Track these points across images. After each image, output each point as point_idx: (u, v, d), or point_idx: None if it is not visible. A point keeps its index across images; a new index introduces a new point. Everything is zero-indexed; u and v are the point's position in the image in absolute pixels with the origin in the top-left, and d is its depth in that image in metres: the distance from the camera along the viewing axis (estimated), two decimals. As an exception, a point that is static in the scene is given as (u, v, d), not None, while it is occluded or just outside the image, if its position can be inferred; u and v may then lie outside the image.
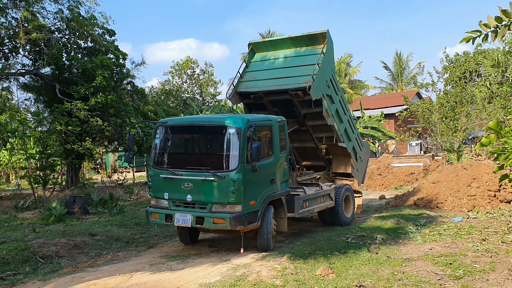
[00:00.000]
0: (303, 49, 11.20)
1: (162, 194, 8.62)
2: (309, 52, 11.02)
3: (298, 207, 9.62)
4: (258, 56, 11.89)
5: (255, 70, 11.62)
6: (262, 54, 11.83)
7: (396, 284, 6.40)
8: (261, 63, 11.70)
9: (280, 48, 11.57)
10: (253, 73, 11.57)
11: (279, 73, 11.08)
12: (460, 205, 12.88)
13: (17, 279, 7.51)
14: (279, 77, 10.96)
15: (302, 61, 10.94)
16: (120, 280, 6.84)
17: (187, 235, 9.50)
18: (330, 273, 7.00)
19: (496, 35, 2.67)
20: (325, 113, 10.76)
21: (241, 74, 11.59)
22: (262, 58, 11.77)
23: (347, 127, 12.03)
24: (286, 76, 10.89)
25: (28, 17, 18.60)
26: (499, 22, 2.65)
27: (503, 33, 2.71)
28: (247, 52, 11.99)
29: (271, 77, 11.10)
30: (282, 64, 11.28)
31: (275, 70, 11.25)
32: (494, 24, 2.60)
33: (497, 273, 6.81)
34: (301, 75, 10.57)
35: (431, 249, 8.47)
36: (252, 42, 12.03)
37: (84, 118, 18.30)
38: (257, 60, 11.82)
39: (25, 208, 16.18)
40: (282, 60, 11.33)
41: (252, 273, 6.93)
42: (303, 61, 10.91)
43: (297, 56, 11.15)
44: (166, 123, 9.14)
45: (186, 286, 6.49)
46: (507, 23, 2.67)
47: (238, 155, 8.08)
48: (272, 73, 11.18)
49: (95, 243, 10.15)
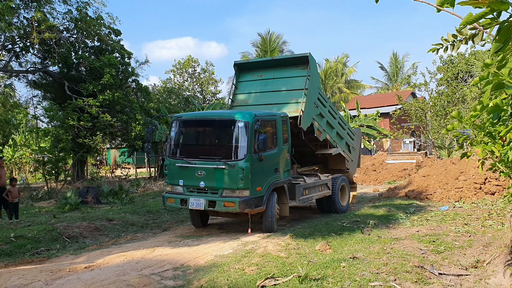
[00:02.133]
0: (288, 70, 11.60)
1: (178, 181, 9.59)
2: (295, 73, 11.43)
3: (298, 194, 10.63)
4: (245, 76, 12.26)
5: (245, 93, 12.04)
6: (248, 74, 12.21)
7: (385, 256, 7.40)
8: (249, 84, 12.07)
9: (265, 69, 12.00)
10: (243, 95, 11.98)
11: (269, 97, 11.40)
12: (448, 196, 13.90)
13: (51, 254, 8.49)
14: (270, 103, 11.27)
15: (289, 84, 11.38)
16: (145, 253, 7.83)
17: (199, 219, 10.49)
18: (328, 248, 8.01)
19: (453, 48, 3.71)
20: (317, 132, 11.53)
21: (232, 97, 12.14)
22: (249, 78, 12.15)
23: (338, 129, 12.76)
24: (276, 103, 11.21)
25: (40, 18, 19.47)
26: (455, 38, 3.67)
27: (458, 46, 3.74)
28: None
29: (261, 103, 11.48)
30: (270, 87, 11.67)
31: (264, 94, 11.57)
32: (452, 39, 3.65)
33: (473, 249, 7.83)
34: (290, 102, 11.10)
35: (417, 231, 9.50)
36: (237, 62, 12.38)
37: (95, 114, 19.23)
38: (245, 80, 12.20)
39: (38, 198, 17.12)
40: (270, 82, 11.71)
41: (260, 248, 7.93)
42: (291, 85, 11.34)
43: (283, 78, 11.57)
44: (181, 118, 10.12)
45: (203, 256, 7.48)
46: (461, 39, 3.70)
47: (246, 146, 9.06)
48: (262, 98, 11.57)
49: (113, 227, 11.12)
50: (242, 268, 6.68)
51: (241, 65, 12.31)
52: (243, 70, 12.31)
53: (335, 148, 12.44)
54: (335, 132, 12.52)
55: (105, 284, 5.88)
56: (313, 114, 11.19)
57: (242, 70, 12.31)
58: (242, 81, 12.22)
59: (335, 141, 12.44)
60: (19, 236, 9.45)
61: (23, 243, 9.11)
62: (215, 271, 6.56)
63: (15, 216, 11.30)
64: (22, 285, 5.94)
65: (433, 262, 7.01)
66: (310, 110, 11.01)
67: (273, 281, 6.04)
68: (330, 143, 12.26)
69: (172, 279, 6.31)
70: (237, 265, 6.83)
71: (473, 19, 1.66)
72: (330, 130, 12.23)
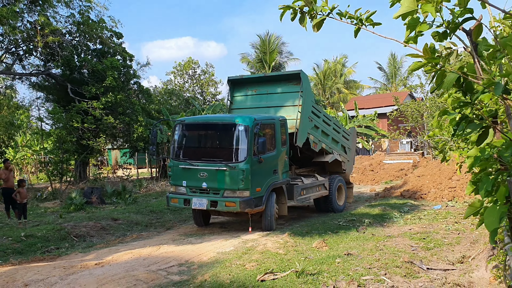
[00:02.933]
0: (281, 86, 11.93)
1: (181, 182, 10.03)
2: (288, 89, 11.79)
3: (296, 194, 11.08)
4: (239, 91, 12.58)
5: (241, 108, 12.36)
6: (243, 89, 12.55)
7: (378, 253, 7.85)
8: (244, 99, 12.39)
9: (259, 84, 12.36)
10: (239, 111, 12.23)
11: (264, 113, 11.48)
12: (441, 196, 14.36)
13: (60, 252, 8.93)
14: None
15: (283, 100, 11.71)
16: (151, 250, 8.28)
17: (201, 218, 10.93)
18: (324, 246, 8.46)
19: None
20: (313, 144, 11.95)
21: (228, 112, 12.49)
22: (244, 93, 12.49)
23: (333, 135, 13.18)
24: None
25: (44, 22, 19.90)
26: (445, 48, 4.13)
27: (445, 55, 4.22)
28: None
29: None
30: (265, 103, 11.94)
31: (260, 109, 11.79)
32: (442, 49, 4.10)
33: (461, 245, 8.28)
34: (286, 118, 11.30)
35: (410, 229, 9.95)
36: (230, 78, 12.60)
37: (99, 116, 19.67)
38: (240, 95, 12.53)
39: (43, 199, 17.55)
40: (264, 97, 12.03)
41: (260, 245, 8.38)
42: (284, 100, 11.68)
43: (277, 94, 11.92)
44: (184, 121, 10.57)
45: (206, 253, 7.93)
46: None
47: (247, 149, 9.51)
48: (257, 113, 11.57)
49: (118, 226, 11.57)
50: (243, 264, 7.13)
51: (234, 80, 12.61)
52: (237, 85, 12.62)
53: (331, 154, 12.86)
54: (330, 139, 12.94)
55: (115, 279, 6.33)
56: (308, 129, 11.57)
57: (236, 85, 12.62)
58: (236, 95, 12.56)
59: (330, 147, 12.88)
60: (29, 235, 9.89)
61: (34, 242, 9.56)
62: (217, 267, 7.00)
63: (23, 216, 11.74)
64: (39, 280, 6.38)
65: (422, 258, 7.46)
66: (305, 125, 11.38)
67: (272, 276, 6.48)
68: (326, 150, 12.69)
69: (177, 274, 6.75)
70: (238, 261, 7.27)
71: (417, 67, 2.13)
72: (325, 138, 12.61)
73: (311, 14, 2.54)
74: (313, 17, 2.55)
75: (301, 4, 2.53)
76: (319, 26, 2.55)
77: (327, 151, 12.73)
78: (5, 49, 21.86)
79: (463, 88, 2.10)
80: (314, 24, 2.55)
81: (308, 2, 2.49)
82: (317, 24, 2.54)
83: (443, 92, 2.06)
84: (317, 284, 6.07)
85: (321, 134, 12.38)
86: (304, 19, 2.58)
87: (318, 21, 2.53)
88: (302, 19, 2.58)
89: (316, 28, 2.56)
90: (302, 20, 2.59)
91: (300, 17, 2.59)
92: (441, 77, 2.04)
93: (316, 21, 2.53)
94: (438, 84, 2.04)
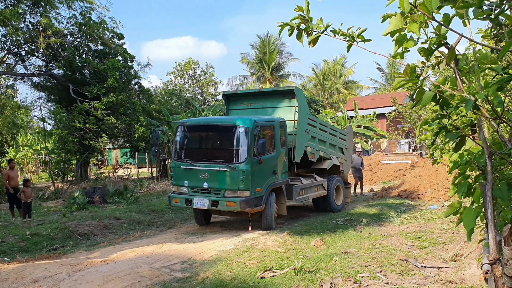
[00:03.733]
0: (276, 100, 12.18)
1: (183, 182, 10.28)
2: (283, 104, 12.04)
3: (295, 194, 11.33)
4: (235, 104, 12.78)
5: None
6: (238, 102, 12.75)
7: (374, 251, 8.10)
8: (240, 113, 12.51)
9: (254, 97, 12.57)
10: None
11: None
12: (438, 196, 14.61)
13: (66, 250, 9.17)
14: None
15: (279, 114, 11.80)
16: (154, 248, 8.53)
17: (202, 217, 11.18)
18: (322, 244, 8.71)
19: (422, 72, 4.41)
20: (311, 155, 12.21)
21: None
22: (239, 107, 12.68)
23: (330, 140, 13.41)
24: None
25: (46, 23, 20.14)
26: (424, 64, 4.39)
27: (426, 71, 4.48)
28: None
29: None
30: None
31: None
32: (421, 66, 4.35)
33: (455, 244, 8.54)
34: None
35: (406, 228, 10.20)
36: (225, 92, 12.84)
37: (100, 117, 19.92)
38: (236, 109, 12.73)
39: (46, 198, 17.80)
40: (260, 111, 12.19)
41: (259, 243, 8.64)
42: (280, 114, 11.77)
43: (272, 108, 12.16)
44: (186, 123, 10.82)
45: (207, 251, 8.18)
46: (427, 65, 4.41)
47: (247, 150, 9.76)
48: None
49: (121, 225, 11.81)
50: (243, 261, 7.38)
51: (229, 95, 12.87)
52: (233, 99, 12.87)
53: (329, 160, 13.12)
54: (327, 145, 13.20)
55: (121, 275, 6.58)
56: (305, 142, 11.81)
57: (231, 99, 12.87)
58: (232, 109, 12.80)
59: (328, 153, 13.14)
60: (35, 234, 10.13)
61: (39, 240, 9.80)
62: (219, 264, 7.25)
63: (28, 215, 11.98)
64: (47, 277, 6.63)
65: (417, 256, 7.72)
66: (301, 140, 11.63)
67: (271, 273, 6.73)
68: (324, 157, 12.96)
69: (180, 271, 7.00)
70: (239, 259, 7.53)
71: (400, 85, 2.39)
72: (322, 145, 12.86)
73: (307, 31, 2.78)
74: (309, 33, 2.79)
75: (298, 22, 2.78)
76: (314, 42, 2.80)
77: (325, 158, 12.99)
78: (7, 50, 22.11)
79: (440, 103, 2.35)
80: (310, 40, 2.79)
81: (305, 20, 2.74)
82: (313, 40, 2.79)
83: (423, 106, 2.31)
84: (315, 281, 6.32)
85: (318, 142, 12.61)
86: (301, 35, 2.83)
87: (313, 38, 2.77)
88: (299, 36, 2.83)
89: (312, 44, 2.81)
90: (299, 37, 2.84)
91: (297, 34, 2.84)
92: (420, 94, 2.30)
93: (312, 38, 2.78)
94: (418, 100, 2.30)
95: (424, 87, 2.39)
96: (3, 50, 22.05)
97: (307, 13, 2.75)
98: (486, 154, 2.24)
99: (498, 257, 2.05)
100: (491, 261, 2.10)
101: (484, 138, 2.33)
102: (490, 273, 2.12)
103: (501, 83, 2.05)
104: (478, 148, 2.58)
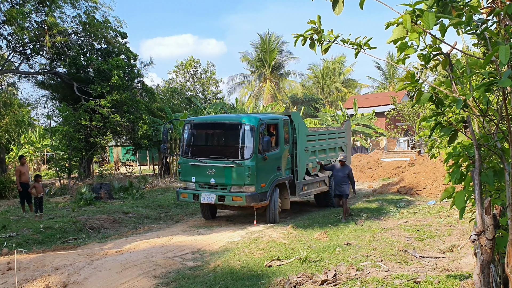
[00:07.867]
0: None
1: (190, 178, 10.69)
2: None
3: (298, 190, 11.75)
4: None
5: None
6: None
7: (375, 243, 8.52)
8: None
9: None
10: None
11: None
12: (436, 192, 15.03)
13: (79, 242, 9.58)
14: None
15: None
16: (165, 240, 8.95)
17: (208, 212, 11.60)
18: (325, 237, 9.13)
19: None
20: (313, 169, 12.65)
21: None
22: None
23: (330, 144, 13.83)
24: None
25: (51, 23, 20.49)
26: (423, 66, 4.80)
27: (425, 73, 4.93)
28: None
29: None
30: None
31: None
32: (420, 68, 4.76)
33: (452, 236, 8.96)
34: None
35: (405, 222, 10.62)
36: None
37: (106, 114, 20.31)
38: None
39: (52, 194, 18.19)
40: None
41: (265, 236, 9.06)
42: None
43: None
44: (193, 121, 11.22)
45: (216, 243, 8.60)
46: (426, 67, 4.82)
47: (252, 147, 10.17)
48: None
49: (129, 219, 12.22)
50: (251, 252, 7.79)
51: None
52: None
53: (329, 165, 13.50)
54: (327, 151, 13.62)
55: (137, 264, 6.99)
56: (306, 161, 12.24)
57: None
58: None
59: (328, 159, 13.51)
60: (48, 227, 10.54)
61: (52, 233, 10.21)
62: (228, 254, 7.67)
63: (39, 210, 12.37)
64: (67, 265, 7.03)
65: (416, 247, 8.14)
66: (302, 160, 12.05)
67: (278, 262, 7.15)
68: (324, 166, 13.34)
69: (192, 260, 7.42)
70: (247, 250, 7.94)
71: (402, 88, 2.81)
72: (323, 153, 13.28)
73: (319, 41, 3.19)
74: (321, 43, 3.20)
75: (311, 33, 3.19)
76: (326, 50, 3.22)
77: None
78: (12, 48, 22.46)
79: (436, 103, 2.76)
80: (323, 49, 3.20)
81: (317, 32, 3.15)
82: (325, 49, 3.20)
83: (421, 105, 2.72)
84: (319, 269, 6.73)
85: (318, 153, 13.00)
86: (314, 45, 3.24)
87: (326, 47, 3.19)
88: (312, 45, 3.25)
89: (325, 52, 3.23)
90: (312, 46, 3.26)
91: (310, 43, 3.25)
92: (419, 95, 2.72)
93: (324, 47, 3.20)
94: (417, 100, 2.72)
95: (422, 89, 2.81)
96: (9, 48, 22.42)
97: (318, 26, 3.16)
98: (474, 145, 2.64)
99: (483, 229, 2.46)
100: (477, 232, 2.51)
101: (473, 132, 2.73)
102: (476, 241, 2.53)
103: (486, 85, 2.45)
104: (469, 141, 2.98)
